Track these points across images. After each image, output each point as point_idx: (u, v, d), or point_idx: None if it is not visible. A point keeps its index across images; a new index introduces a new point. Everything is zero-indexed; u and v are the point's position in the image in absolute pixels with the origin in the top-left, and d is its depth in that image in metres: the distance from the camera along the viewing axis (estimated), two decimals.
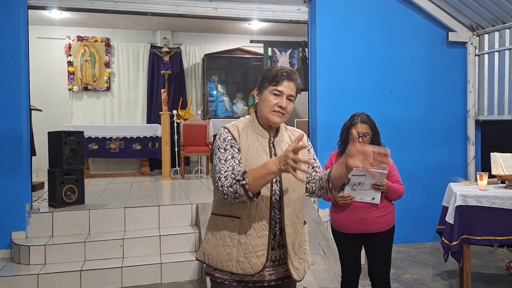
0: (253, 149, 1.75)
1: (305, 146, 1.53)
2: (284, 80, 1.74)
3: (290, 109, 1.77)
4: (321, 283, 3.63)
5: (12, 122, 4.11)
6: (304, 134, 1.85)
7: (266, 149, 1.77)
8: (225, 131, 1.77)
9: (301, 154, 1.73)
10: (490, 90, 5.12)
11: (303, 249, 1.85)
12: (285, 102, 1.74)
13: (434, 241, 5.06)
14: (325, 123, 4.77)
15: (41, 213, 4.17)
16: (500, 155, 3.57)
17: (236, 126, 1.80)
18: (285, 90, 1.74)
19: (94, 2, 4.48)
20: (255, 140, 1.78)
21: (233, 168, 1.66)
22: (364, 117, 2.74)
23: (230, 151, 1.71)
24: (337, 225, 2.79)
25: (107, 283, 3.77)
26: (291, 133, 1.91)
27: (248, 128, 1.80)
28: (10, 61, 4.11)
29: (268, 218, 1.71)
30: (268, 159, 1.71)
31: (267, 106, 1.75)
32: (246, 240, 1.71)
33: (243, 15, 4.90)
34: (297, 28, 6.17)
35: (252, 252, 1.70)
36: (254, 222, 1.71)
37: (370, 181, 2.59)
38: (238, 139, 1.75)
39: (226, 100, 8.30)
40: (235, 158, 1.70)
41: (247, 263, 1.71)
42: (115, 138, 7.30)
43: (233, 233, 1.74)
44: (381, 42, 5.00)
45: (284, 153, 1.49)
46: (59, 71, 7.63)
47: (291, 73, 1.77)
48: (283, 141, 1.84)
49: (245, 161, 1.72)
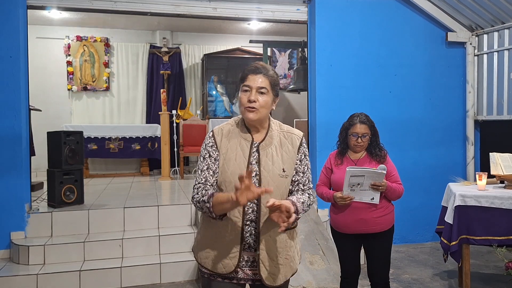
0: (231, 154, 1.73)
1: (248, 173, 1.50)
2: (249, 74, 1.73)
3: (262, 102, 1.72)
4: (320, 283, 3.63)
5: (11, 122, 4.11)
6: (300, 136, 1.85)
7: (246, 153, 1.73)
8: (209, 135, 1.80)
9: (289, 162, 1.77)
10: (489, 90, 5.12)
11: (286, 254, 1.80)
12: (254, 95, 1.70)
13: (433, 241, 5.06)
14: (324, 123, 4.78)
15: (40, 213, 4.17)
16: (499, 155, 3.57)
17: (222, 129, 1.80)
18: (252, 84, 1.71)
19: (93, 2, 4.48)
20: (237, 144, 1.75)
21: (206, 180, 1.72)
22: (363, 117, 2.75)
23: (207, 160, 1.75)
24: (337, 226, 2.79)
25: (106, 283, 3.77)
26: (284, 135, 1.84)
27: (234, 130, 1.79)
28: (9, 61, 4.10)
29: (241, 221, 1.71)
30: (245, 165, 1.70)
31: (240, 104, 1.74)
32: (220, 243, 1.74)
33: (243, 15, 4.90)
34: (297, 28, 6.17)
35: (225, 254, 1.73)
36: (228, 226, 1.72)
37: (369, 181, 2.59)
38: (219, 143, 1.76)
39: (226, 100, 8.30)
40: (210, 169, 1.74)
41: (220, 263, 1.74)
42: (114, 138, 7.29)
43: (211, 231, 1.77)
44: (380, 42, 5.01)
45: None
46: (58, 71, 7.62)
47: (258, 66, 1.74)
48: (271, 145, 1.78)
49: (222, 167, 1.73)
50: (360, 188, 2.61)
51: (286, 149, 1.80)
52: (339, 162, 2.78)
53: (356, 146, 2.74)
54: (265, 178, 1.72)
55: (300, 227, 4.24)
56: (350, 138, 2.74)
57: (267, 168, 1.73)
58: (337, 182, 2.72)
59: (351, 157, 2.79)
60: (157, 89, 7.88)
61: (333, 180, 2.77)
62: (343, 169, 2.72)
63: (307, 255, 3.89)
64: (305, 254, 3.89)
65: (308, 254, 3.89)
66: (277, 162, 1.75)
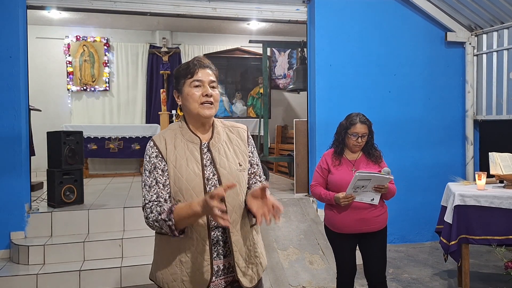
0: (181, 160, 1.61)
1: (221, 194, 1.39)
2: (198, 68, 1.63)
3: (216, 96, 1.65)
4: (320, 282, 3.63)
5: (11, 122, 4.11)
6: (245, 129, 1.79)
7: (198, 157, 1.62)
8: (150, 145, 1.66)
9: (243, 156, 1.70)
10: (489, 90, 5.13)
11: (254, 252, 1.70)
12: (209, 90, 1.62)
13: (433, 241, 5.07)
14: (324, 123, 4.78)
15: (40, 213, 4.18)
16: (498, 154, 3.57)
17: (163, 136, 1.67)
18: (204, 78, 1.62)
19: (93, 2, 4.48)
20: (184, 148, 1.64)
21: (158, 196, 1.58)
22: (363, 117, 2.76)
23: (153, 174, 1.60)
24: (334, 225, 2.78)
25: (106, 283, 3.77)
26: (230, 130, 1.76)
27: (177, 135, 1.67)
28: (9, 61, 4.11)
29: (206, 232, 1.58)
30: (199, 168, 1.60)
31: (193, 101, 1.62)
32: (187, 258, 1.59)
33: (242, 15, 4.90)
34: (296, 28, 6.18)
35: (196, 270, 1.59)
36: (193, 239, 1.58)
37: (374, 184, 2.60)
38: (164, 151, 1.63)
39: (225, 100, 8.31)
40: (159, 183, 1.59)
41: (192, 282, 1.59)
42: (114, 138, 7.30)
43: (174, 251, 1.62)
44: (379, 42, 5.01)
45: (204, 198, 1.40)
46: (58, 71, 7.62)
47: (202, 60, 1.66)
48: (221, 141, 1.70)
49: (174, 175, 1.59)
50: (363, 190, 2.62)
51: (236, 143, 1.73)
52: (337, 163, 2.77)
53: (355, 146, 2.74)
54: (224, 176, 1.61)
55: (299, 227, 4.26)
56: (350, 138, 2.74)
57: (223, 165, 1.64)
58: (336, 182, 2.72)
59: (348, 157, 2.79)
60: (157, 89, 7.89)
61: (332, 181, 2.76)
62: (342, 170, 2.72)
63: (307, 254, 3.89)
64: (304, 253, 3.90)
65: (307, 254, 3.90)
66: (231, 158, 1.67)
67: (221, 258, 1.63)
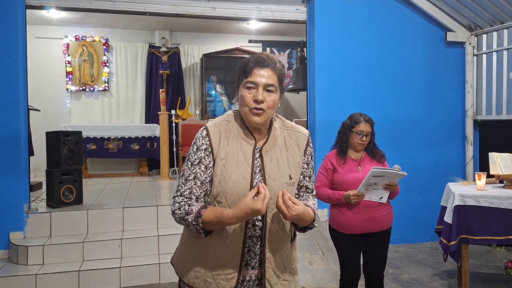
0: (232, 160, 1.46)
1: (262, 211, 1.32)
2: (254, 68, 1.43)
3: (271, 102, 1.45)
4: (319, 283, 3.63)
5: (10, 122, 4.10)
6: (306, 136, 1.59)
7: (249, 160, 1.46)
8: (202, 135, 1.49)
9: (296, 167, 1.53)
10: (488, 90, 5.12)
11: (290, 268, 1.58)
12: (262, 94, 1.42)
13: (433, 241, 5.06)
14: (323, 123, 4.77)
15: (39, 213, 4.17)
16: (498, 155, 3.57)
17: (219, 128, 1.50)
18: (258, 80, 1.42)
19: (92, 2, 4.47)
20: (237, 146, 1.47)
21: (190, 192, 1.46)
22: (366, 116, 2.79)
23: (195, 168, 1.46)
24: (340, 225, 2.76)
25: (106, 283, 3.77)
26: (289, 134, 1.57)
27: (232, 129, 1.50)
28: (8, 61, 4.10)
29: (242, 236, 1.46)
30: (249, 173, 1.45)
31: (244, 104, 1.45)
32: (215, 259, 1.48)
33: (242, 15, 4.90)
34: (296, 28, 6.18)
35: (221, 274, 1.48)
36: (225, 243, 1.47)
37: (385, 181, 2.60)
38: (216, 146, 1.46)
39: (225, 100, 8.30)
40: (197, 179, 1.46)
41: (214, 286, 1.48)
42: (113, 138, 7.28)
43: (202, 248, 1.51)
44: (379, 42, 5.01)
45: (248, 207, 1.32)
46: (57, 71, 7.61)
47: (265, 58, 1.45)
48: (275, 147, 1.51)
49: (221, 175, 1.45)
50: (373, 187, 2.61)
51: (291, 151, 1.54)
52: (341, 162, 2.77)
53: (359, 144, 2.75)
54: (271, 188, 1.44)
55: None
56: (354, 137, 2.74)
57: (273, 176, 1.48)
58: (343, 181, 2.72)
59: (352, 157, 2.79)
60: (156, 89, 7.87)
61: (339, 180, 2.74)
62: (349, 168, 2.72)
63: (306, 255, 3.89)
64: (304, 254, 3.89)
65: (307, 254, 3.89)
66: (283, 168, 1.50)
67: (249, 269, 1.51)
